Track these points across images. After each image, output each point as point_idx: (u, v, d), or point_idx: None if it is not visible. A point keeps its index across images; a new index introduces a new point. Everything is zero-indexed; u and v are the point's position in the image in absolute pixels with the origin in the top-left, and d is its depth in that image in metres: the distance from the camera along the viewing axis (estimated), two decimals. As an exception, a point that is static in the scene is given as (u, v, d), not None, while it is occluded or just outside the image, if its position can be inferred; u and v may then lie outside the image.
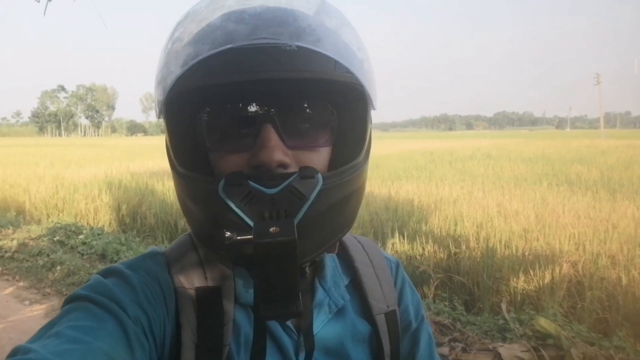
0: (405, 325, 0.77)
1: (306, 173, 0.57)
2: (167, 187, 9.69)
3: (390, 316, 0.74)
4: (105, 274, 0.64)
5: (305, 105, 0.61)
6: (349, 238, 0.81)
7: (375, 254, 0.80)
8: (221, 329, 0.62)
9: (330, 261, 0.72)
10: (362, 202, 0.70)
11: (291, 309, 0.53)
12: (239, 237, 0.54)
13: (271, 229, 0.52)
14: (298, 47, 0.55)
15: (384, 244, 5.72)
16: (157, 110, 0.64)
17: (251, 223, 0.55)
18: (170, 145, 0.64)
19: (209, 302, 0.64)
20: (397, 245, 5.61)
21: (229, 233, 0.54)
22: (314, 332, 0.67)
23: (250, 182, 0.56)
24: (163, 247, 0.75)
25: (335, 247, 0.74)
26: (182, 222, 7.15)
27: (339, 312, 0.71)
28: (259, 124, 0.58)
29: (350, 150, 0.64)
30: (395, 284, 0.80)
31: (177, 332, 0.62)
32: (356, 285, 0.74)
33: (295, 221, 0.55)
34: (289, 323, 0.66)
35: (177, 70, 0.57)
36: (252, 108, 0.59)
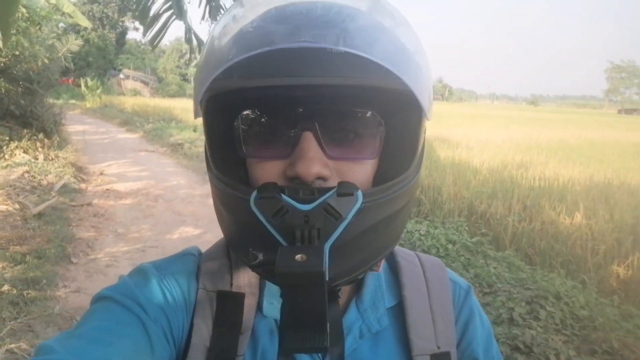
0: None
1: (344, 190, 0.52)
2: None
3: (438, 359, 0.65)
4: (133, 273, 0.65)
5: (350, 113, 0.56)
6: (408, 258, 0.73)
7: (438, 280, 0.71)
8: (236, 337, 0.61)
9: (373, 279, 0.69)
10: (408, 219, 0.65)
11: (316, 342, 0.49)
12: (264, 258, 0.51)
13: (297, 256, 0.47)
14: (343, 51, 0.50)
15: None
16: (195, 109, 0.62)
17: (282, 240, 0.52)
18: (207, 146, 0.62)
19: (228, 307, 0.63)
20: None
21: (254, 253, 0.52)
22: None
23: (284, 196, 0.52)
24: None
25: (378, 266, 0.66)
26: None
27: (374, 339, 0.65)
28: (298, 132, 0.54)
29: (399, 163, 0.58)
30: (459, 316, 0.70)
31: (190, 333, 0.61)
32: (400, 314, 0.67)
33: (329, 243, 0.52)
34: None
35: (213, 71, 0.54)
36: (291, 114, 0.55)
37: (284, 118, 0.56)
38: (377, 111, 0.55)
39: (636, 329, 3.32)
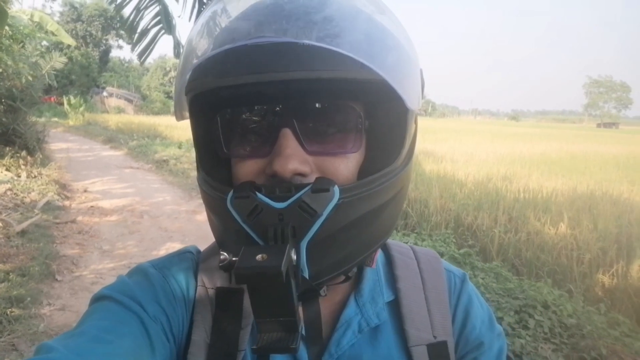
0: (474, 346, 0.67)
1: (320, 185, 0.51)
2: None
3: (435, 349, 0.64)
4: (131, 273, 0.65)
5: (327, 107, 0.54)
6: (402, 251, 0.73)
7: (432, 271, 0.71)
8: (237, 332, 0.61)
9: (372, 274, 0.68)
10: (401, 210, 0.63)
11: (284, 343, 0.48)
12: (228, 259, 0.51)
13: (258, 256, 0.46)
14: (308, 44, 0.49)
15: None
16: (175, 113, 0.63)
17: (258, 239, 0.52)
18: (194, 146, 0.62)
19: (227, 303, 0.63)
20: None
21: (223, 254, 0.51)
22: (340, 352, 0.63)
23: (258, 195, 0.52)
24: None
25: (372, 261, 0.65)
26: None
27: (373, 333, 0.65)
28: (276, 129, 0.54)
29: (385, 155, 0.57)
30: (457, 303, 0.70)
31: (191, 330, 0.61)
32: (398, 308, 0.67)
33: (305, 240, 0.51)
34: (306, 336, 0.63)
35: (187, 72, 0.55)
36: (269, 111, 0.55)
37: (262, 116, 0.55)
38: (355, 103, 0.54)
39: (623, 336, 3.35)
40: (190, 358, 0.60)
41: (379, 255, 0.71)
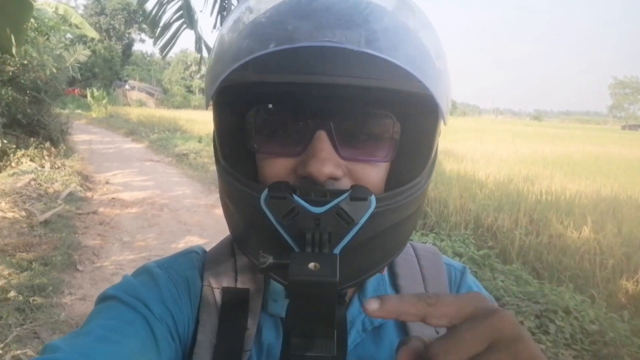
0: None
1: (358, 194, 0.51)
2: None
3: None
4: (137, 272, 0.65)
5: (367, 114, 0.54)
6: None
7: (432, 266, 0.72)
8: (242, 333, 0.61)
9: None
10: (416, 225, 0.64)
11: (323, 351, 0.47)
12: (274, 262, 0.49)
13: (310, 265, 0.45)
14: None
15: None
16: (206, 99, 0.61)
17: (291, 242, 0.51)
18: (217, 137, 0.61)
19: (233, 304, 0.63)
20: None
21: (265, 256, 0.49)
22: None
23: (295, 197, 0.51)
24: None
25: (383, 270, 0.66)
26: None
27: (376, 332, 0.65)
28: (312, 130, 0.53)
29: (412, 167, 0.57)
30: None
31: (196, 330, 0.61)
32: None
33: (339, 248, 0.51)
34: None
35: (229, 64, 0.53)
36: (306, 112, 0.54)
37: (299, 115, 0.55)
38: (394, 113, 0.54)
39: (648, 345, 3.28)
40: (195, 358, 0.60)
41: None
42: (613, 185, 8.61)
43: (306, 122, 0.54)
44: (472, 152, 13.48)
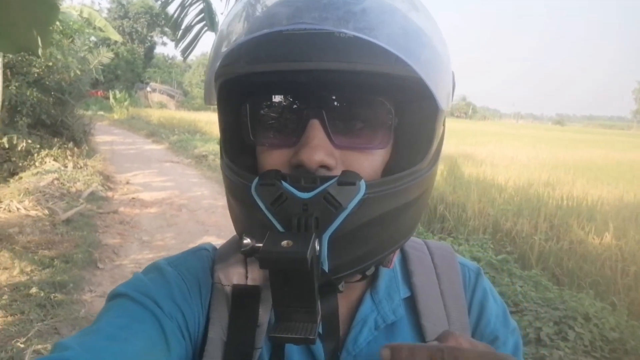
0: (489, 340, 0.67)
1: (346, 179, 0.50)
2: None
3: None
4: (147, 270, 0.65)
5: (358, 100, 0.53)
6: (416, 247, 0.72)
7: (447, 265, 0.71)
8: (253, 330, 0.60)
9: (388, 270, 0.67)
10: (423, 213, 0.62)
11: (302, 333, 0.47)
12: (253, 244, 0.49)
13: (283, 242, 0.45)
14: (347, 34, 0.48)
15: None
16: (205, 96, 0.62)
17: (279, 227, 0.51)
18: (220, 134, 0.62)
19: (244, 301, 0.62)
20: None
21: (247, 239, 0.50)
22: (358, 349, 0.63)
23: (283, 183, 0.51)
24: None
25: (390, 261, 0.64)
26: None
27: (390, 330, 0.65)
28: (304, 119, 0.53)
29: (410, 155, 0.56)
30: (472, 298, 0.70)
31: (207, 328, 0.61)
32: (414, 303, 0.66)
33: (328, 233, 0.50)
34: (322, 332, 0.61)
35: (220, 55, 0.55)
36: (298, 101, 0.54)
37: (291, 105, 0.55)
38: (387, 99, 0.53)
39: (670, 354, 3.20)
40: (206, 355, 0.59)
41: None
42: (636, 192, 8.41)
43: (299, 112, 0.54)
44: (491, 156, 13.31)
